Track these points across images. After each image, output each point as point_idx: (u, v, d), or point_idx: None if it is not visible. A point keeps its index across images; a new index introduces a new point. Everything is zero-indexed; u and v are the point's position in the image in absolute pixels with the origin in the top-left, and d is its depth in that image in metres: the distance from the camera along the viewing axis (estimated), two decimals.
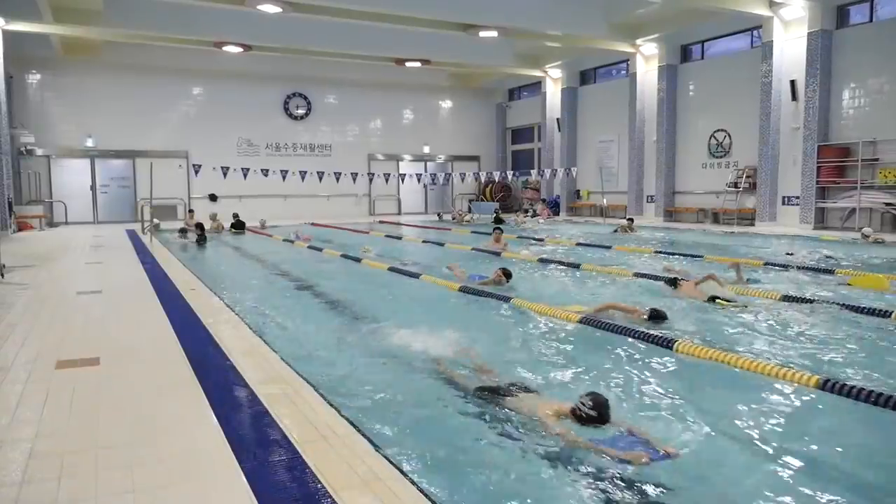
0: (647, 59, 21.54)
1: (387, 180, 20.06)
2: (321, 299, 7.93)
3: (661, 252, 11.55)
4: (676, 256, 11.03)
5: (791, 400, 4.13)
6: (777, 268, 9.42)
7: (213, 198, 23.79)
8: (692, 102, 20.51)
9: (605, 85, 24.28)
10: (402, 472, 2.81)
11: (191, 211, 20.15)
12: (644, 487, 2.98)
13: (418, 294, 8.10)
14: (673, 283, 7.48)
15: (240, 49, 20.50)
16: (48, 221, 20.68)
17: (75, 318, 6.25)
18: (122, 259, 11.43)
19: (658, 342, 5.25)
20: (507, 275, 8.02)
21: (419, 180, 22.75)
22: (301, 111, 25.76)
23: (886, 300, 7.02)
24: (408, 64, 23.02)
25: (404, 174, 21.49)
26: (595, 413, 3.54)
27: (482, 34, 18.67)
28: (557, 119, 25.65)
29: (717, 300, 6.79)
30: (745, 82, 18.53)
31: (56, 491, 2.65)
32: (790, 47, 17.18)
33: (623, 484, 3.00)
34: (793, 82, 17.05)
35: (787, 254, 11.54)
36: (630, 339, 5.46)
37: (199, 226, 15.36)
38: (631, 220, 16.64)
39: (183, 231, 15.71)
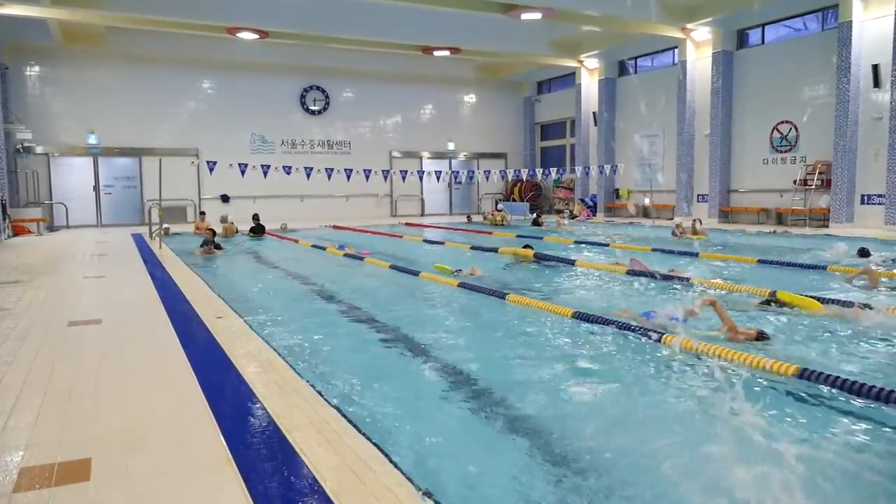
0: (699, 46, 19.75)
1: (420, 178, 18.24)
2: (399, 336, 5.70)
3: (765, 261, 9.71)
4: (784, 267, 9.24)
5: None
6: None
7: (224, 199, 22.14)
8: (751, 92, 18.64)
9: (648, 75, 22.42)
10: None
11: (202, 213, 18.44)
12: None
13: (526, 325, 5.99)
14: (769, 302, 6.45)
15: (255, 36, 18.74)
16: (47, 225, 19.05)
17: (61, 370, 4.46)
18: (128, 271, 9.68)
19: None
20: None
21: (455, 178, 20.99)
22: (318, 106, 24.03)
23: None
24: (436, 53, 21.23)
25: (440, 171, 19.69)
26: None
27: (524, 16, 16.87)
28: (594, 113, 23.84)
29: None
30: (814, 69, 16.76)
31: None
32: (871, 27, 15.38)
33: None
34: (875, 67, 15.25)
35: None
36: None
37: (213, 231, 13.59)
38: (698, 220, 14.77)
39: (206, 243, 12.35)
